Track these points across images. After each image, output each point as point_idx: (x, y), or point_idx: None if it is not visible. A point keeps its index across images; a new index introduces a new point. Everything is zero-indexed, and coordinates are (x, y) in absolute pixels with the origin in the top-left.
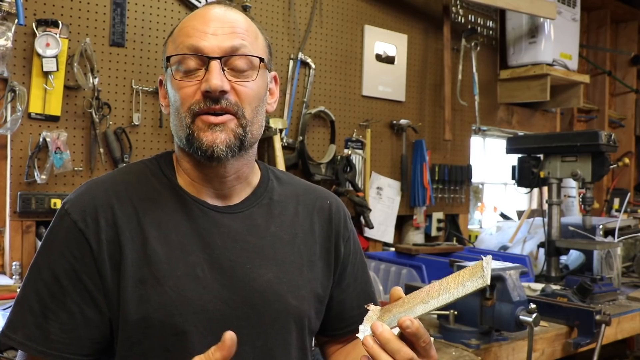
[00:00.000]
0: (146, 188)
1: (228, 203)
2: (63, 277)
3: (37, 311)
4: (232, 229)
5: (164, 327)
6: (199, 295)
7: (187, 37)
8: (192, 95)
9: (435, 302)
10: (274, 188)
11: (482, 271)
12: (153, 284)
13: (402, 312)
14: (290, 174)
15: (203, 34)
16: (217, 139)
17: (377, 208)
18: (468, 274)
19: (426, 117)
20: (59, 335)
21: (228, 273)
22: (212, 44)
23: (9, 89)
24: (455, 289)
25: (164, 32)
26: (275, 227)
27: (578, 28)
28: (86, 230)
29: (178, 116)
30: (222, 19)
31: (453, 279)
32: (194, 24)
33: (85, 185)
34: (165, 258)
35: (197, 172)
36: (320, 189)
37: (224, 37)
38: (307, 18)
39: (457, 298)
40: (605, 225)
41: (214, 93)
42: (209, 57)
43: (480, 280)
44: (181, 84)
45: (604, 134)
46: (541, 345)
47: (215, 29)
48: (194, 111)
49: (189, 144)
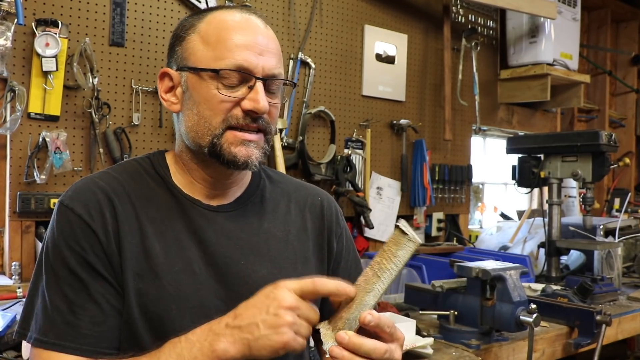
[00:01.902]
0: (141, 186)
1: (221, 202)
2: (80, 271)
3: (65, 309)
4: (225, 227)
5: (161, 320)
6: (195, 290)
7: (232, 51)
8: (230, 109)
9: (381, 285)
10: (265, 186)
11: (405, 236)
12: (151, 278)
13: (354, 310)
14: (282, 173)
15: (251, 54)
16: (252, 154)
17: (377, 208)
18: (394, 245)
19: (426, 117)
20: (90, 329)
21: (223, 269)
22: (259, 65)
23: (9, 88)
24: (390, 264)
25: (164, 32)
26: (268, 225)
27: (578, 28)
28: (92, 223)
29: (205, 124)
30: (265, 36)
31: (382, 257)
32: (239, 38)
33: (81, 182)
34: (162, 253)
35: (204, 175)
36: (311, 187)
37: (268, 59)
38: (307, 18)
39: (398, 270)
40: (605, 226)
41: (258, 114)
42: (256, 78)
43: (410, 244)
44: (220, 96)
45: (605, 134)
46: (541, 346)
47: (261, 50)
48: (230, 124)
49: (214, 154)
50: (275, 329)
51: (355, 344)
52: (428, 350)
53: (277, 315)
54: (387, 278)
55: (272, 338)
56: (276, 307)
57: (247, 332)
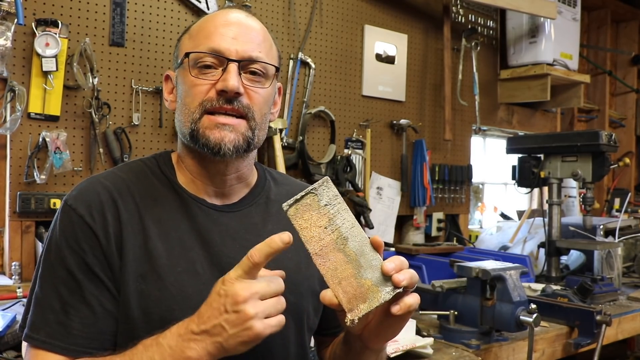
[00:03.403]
0: (146, 186)
1: (226, 202)
2: (77, 272)
3: (58, 308)
4: (230, 227)
5: (163, 321)
6: (198, 291)
7: (208, 37)
8: (206, 92)
9: (341, 228)
10: (270, 188)
11: (307, 197)
12: (154, 279)
13: (364, 269)
14: (286, 175)
15: (224, 37)
16: (225, 137)
17: (377, 208)
18: (311, 209)
19: (426, 117)
20: (80, 330)
21: (227, 270)
22: (231, 47)
23: (9, 88)
24: (338, 219)
25: (163, 32)
26: (272, 226)
27: (578, 28)
28: (93, 224)
29: (186, 111)
30: (243, 25)
31: (320, 220)
32: (216, 25)
33: (86, 181)
34: (165, 254)
35: (199, 169)
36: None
37: (244, 42)
38: (307, 18)
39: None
40: (605, 226)
41: (229, 93)
42: (228, 59)
43: (318, 189)
44: (196, 80)
45: (605, 134)
46: (541, 346)
47: (236, 34)
48: (206, 107)
49: (193, 139)
50: (240, 325)
51: (403, 263)
52: (428, 350)
53: (237, 312)
54: (337, 220)
55: (242, 334)
56: (232, 303)
57: (216, 335)
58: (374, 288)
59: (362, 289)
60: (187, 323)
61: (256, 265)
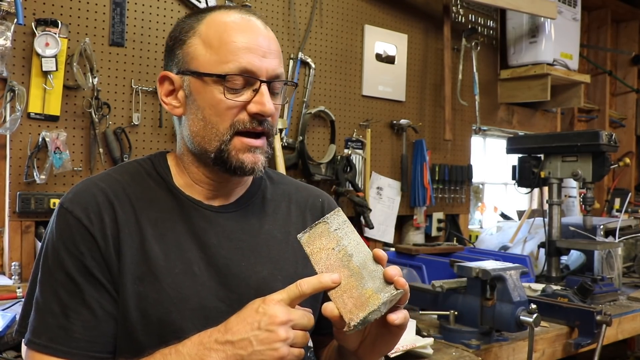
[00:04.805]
0: (142, 187)
1: (222, 203)
2: (76, 275)
3: (58, 312)
4: (226, 228)
5: (161, 323)
6: (195, 292)
7: (235, 54)
8: (236, 114)
9: (348, 248)
10: (266, 187)
11: (325, 219)
12: (151, 281)
13: (366, 281)
14: (282, 174)
15: (254, 55)
16: (258, 161)
17: (377, 208)
18: (326, 234)
19: (426, 117)
20: (82, 334)
21: (224, 271)
22: (262, 67)
23: (8, 88)
24: (345, 240)
25: (164, 32)
26: (268, 226)
27: (579, 28)
28: (91, 227)
29: (212, 130)
30: (264, 36)
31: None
32: (242, 40)
33: (82, 183)
34: (162, 256)
35: (205, 177)
36: (312, 188)
37: (271, 59)
38: (307, 18)
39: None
40: (606, 226)
41: (265, 116)
42: (261, 81)
43: (331, 218)
44: (228, 102)
45: (605, 134)
46: (542, 346)
47: (264, 52)
48: (238, 129)
49: (219, 160)
50: (269, 344)
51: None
52: (428, 350)
53: (270, 332)
54: (345, 242)
55: (267, 354)
56: (267, 323)
57: (240, 348)
58: (374, 295)
59: (363, 299)
60: (211, 332)
61: (302, 295)
